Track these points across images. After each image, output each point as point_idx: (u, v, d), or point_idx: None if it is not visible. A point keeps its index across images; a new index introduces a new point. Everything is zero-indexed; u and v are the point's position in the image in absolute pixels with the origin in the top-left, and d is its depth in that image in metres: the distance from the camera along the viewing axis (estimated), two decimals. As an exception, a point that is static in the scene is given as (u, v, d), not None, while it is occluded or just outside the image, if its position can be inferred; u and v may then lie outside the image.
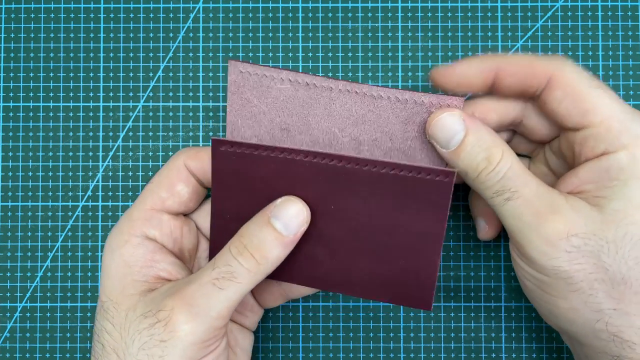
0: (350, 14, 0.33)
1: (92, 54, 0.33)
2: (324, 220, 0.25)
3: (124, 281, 0.25)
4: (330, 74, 0.33)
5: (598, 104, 0.23)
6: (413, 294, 0.26)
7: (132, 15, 0.33)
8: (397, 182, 0.24)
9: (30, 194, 0.33)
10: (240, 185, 0.26)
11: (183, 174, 0.27)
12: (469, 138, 0.24)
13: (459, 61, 0.26)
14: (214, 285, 0.23)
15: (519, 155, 0.26)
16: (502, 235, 0.32)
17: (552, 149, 0.27)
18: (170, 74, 0.33)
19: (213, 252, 0.27)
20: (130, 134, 0.33)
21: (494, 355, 0.32)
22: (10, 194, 0.33)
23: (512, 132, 0.29)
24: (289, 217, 0.24)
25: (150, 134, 0.33)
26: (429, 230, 0.25)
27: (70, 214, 0.33)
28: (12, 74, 0.33)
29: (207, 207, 0.29)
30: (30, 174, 0.33)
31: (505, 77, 0.25)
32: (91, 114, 0.33)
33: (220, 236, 0.27)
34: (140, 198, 0.27)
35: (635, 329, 0.22)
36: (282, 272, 0.26)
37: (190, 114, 0.33)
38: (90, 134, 0.33)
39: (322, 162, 0.25)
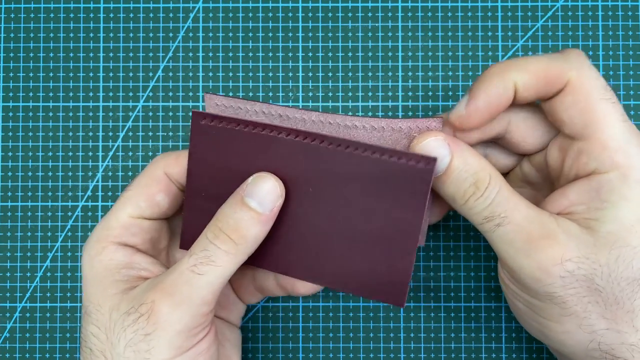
0: (350, 14, 0.33)
1: (92, 54, 0.33)
2: (301, 202, 0.25)
3: (104, 283, 0.25)
4: (330, 74, 0.33)
5: (603, 119, 0.23)
6: (386, 289, 0.25)
7: (132, 15, 0.33)
8: (378, 166, 0.23)
9: (30, 194, 0.33)
10: (218, 162, 0.25)
11: (163, 182, 0.26)
12: (455, 163, 0.23)
13: (471, 91, 0.23)
14: (193, 272, 0.23)
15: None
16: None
17: (533, 162, 0.27)
18: (170, 74, 0.33)
19: (186, 231, 0.26)
20: (130, 134, 0.33)
21: (494, 355, 0.32)
22: (10, 194, 0.33)
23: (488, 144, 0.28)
24: (263, 193, 0.24)
25: (150, 134, 0.33)
26: (406, 219, 0.24)
27: (70, 214, 0.33)
28: (12, 74, 0.33)
29: None
30: (30, 174, 0.33)
31: (523, 92, 0.23)
32: (91, 114, 0.33)
33: (193, 216, 0.26)
34: (118, 205, 0.26)
35: (627, 345, 0.22)
36: (255, 258, 0.25)
37: (190, 114, 0.33)
38: (90, 134, 0.33)
39: (303, 141, 0.24)
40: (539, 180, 0.27)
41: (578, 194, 0.23)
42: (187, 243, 0.26)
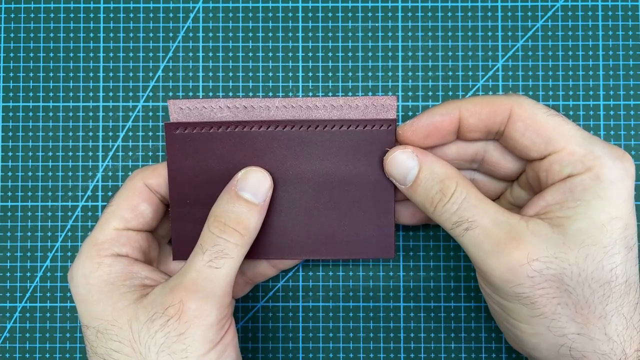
0: (350, 14, 0.33)
1: (92, 54, 0.33)
2: (284, 188, 0.27)
3: (112, 298, 0.24)
4: (330, 74, 0.33)
5: (559, 131, 0.24)
6: (375, 245, 0.27)
7: (132, 15, 0.33)
8: (348, 138, 0.26)
9: (30, 194, 0.33)
10: (198, 167, 0.27)
11: (144, 193, 0.27)
12: (422, 173, 0.25)
13: (422, 113, 0.26)
14: (211, 267, 0.24)
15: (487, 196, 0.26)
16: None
17: (520, 184, 0.27)
18: (170, 74, 0.33)
19: (177, 241, 0.27)
20: (130, 134, 0.33)
21: (494, 355, 0.32)
22: (10, 194, 0.33)
23: (475, 171, 0.29)
24: (255, 185, 0.26)
25: (150, 134, 0.33)
26: (380, 179, 0.27)
27: (70, 214, 0.33)
28: (12, 74, 0.33)
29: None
30: (30, 174, 0.33)
31: (468, 118, 0.25)
32: (91, 114, 0.33)
33: (182, 224, 0.27)
34: (101, 221, 0.26)
35: (599, 354, 0.22)
36: (254, 249, 0.27)
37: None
38: (90, 134, 0.33)
39: (276, 130, 0.26)
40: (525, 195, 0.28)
41: (553, 195, 0.24)
42: (180, 253, 0.27)
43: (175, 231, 0.27)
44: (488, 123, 0.25)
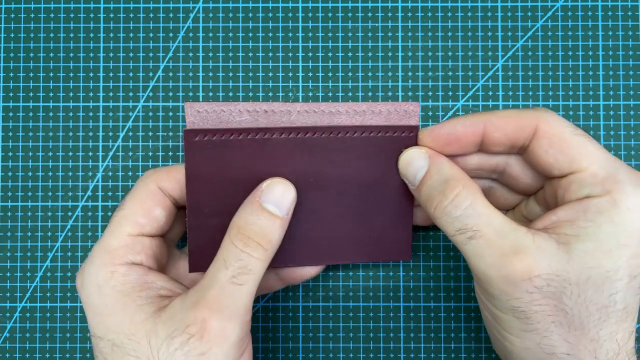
0: (350, 14, 0.33)
1: (92, 54, 0.33)
2: (305, 194, 0.26)
3: (128, 311, 0.23)
4: (330, 74, 0.33)
5: (584, 152, 0.23)
6: (393, 249, 0.28)
7: (132, 15, 0.33)
8: (370, 144, 0.26)
9: (30, 194, 0.33)
10: (217, 176, 0.26)
11: (158, 196, 0.26)
12: (430, 172, 0.25)
13: (446, 120, 0.26)
14: (234, 284, 0.23)
15: (501, 209, 0.25)
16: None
17: (537, 199, 0.27)
18: (170, 74, 0.33)
19: (194, 252, 0.26)
20: (130, 134, 0.33)
21: (494, 355, 0.32)
22: (10, 194, 0.33)
23: (493, 181, 0.29)
24: (279, 197, 0.25)
25: (150, 134, 0.33)
26: (400, 184, 0.27)
27: (70, 214, 0.33)
28: (12, 74, 0.33)
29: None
30: (30, 174, 0.33)
31: (493, 132, 0.25)
32: (91, 114, 0.33)
33: (199, 234, 0.26)
34: (114, 225, 0.25)
35: None
36: (275, 258, 0.26)
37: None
38: (90, 134, 0.33)
39: (297, 136, 0.26)
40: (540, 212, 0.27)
41: (566, 212, 0.23)
42: (197, 265, 0.26)
43: (193, 242, 0.26)
44: (513, 138, 0.25)
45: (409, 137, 0.26)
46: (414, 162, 0.25)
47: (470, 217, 0.23)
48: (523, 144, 0.25)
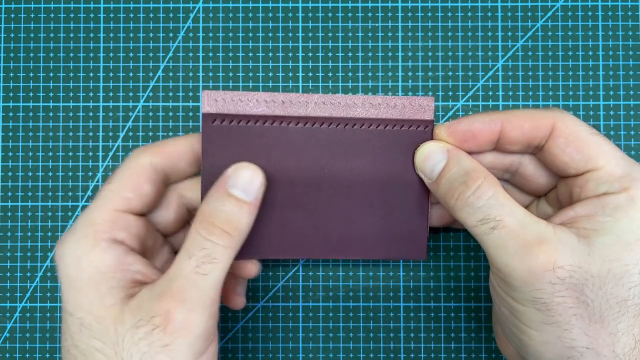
0: (350, 14, 0.33)
1: (92, 54, 0.33)
2: (319, 186, 0.26)
3: (100, 291, 0.23)
4: (330, 74, 0.33)
5: (600, 151, 0.24)
6: (407, 246, 0.27)
7: (132, 15, 0.33)
8: (385, 137, 0.26)
9: (30, 194, 0.33)
10: (233, 162, 0.25)
11: (148, 172, 0.25)
12: (449, 165, 0.25)
13: (463, 117, 0.26)
14: (198, 274, 0.23)
15: None
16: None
17: (548, 200, 0.28)
18: (170, 74, 0.33)
19: None
20: (130, 134, 0.33)
21: (493, 355, 0.32)
22: (10, 194, 0.33)
23: (506, 182, 0.29)
24: (246, 182, 0.24)
25: (150, 134, 0.33)
26: (416, 180, 0.27)
27: (70, 214, 0.33)
28: (12, 74, 0.33)
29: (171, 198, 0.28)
30: (30, 174, 0.33)
31: (510, 131, 0.25)
32: (91, 114, 0.33)
33: None
34: (100, 200, 0.25)
35: None
36: (286, 247, 0.26)
37: (190, 114, 0.33)
38: (90, 134, 0.33)
39: (313, 126, 0.26)
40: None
41: (584, 207, 0.24)
42: None
43: None
44: (530, 137, 0.25)
45: (424, 131, 0.26)
46: (432, 156, 0.25)
47: (493, 208, 0.23)
48: (539, 143, 0.25)
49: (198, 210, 0.24)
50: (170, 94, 0.33)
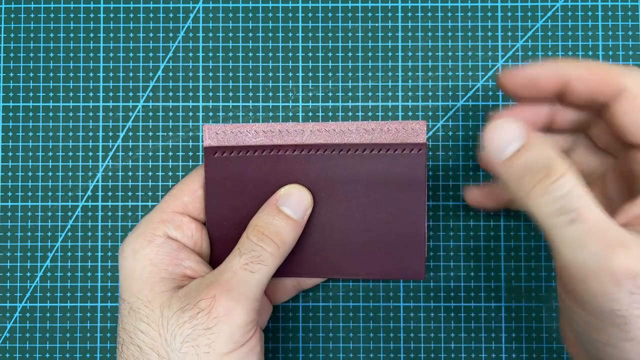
0: (350, 14, 0.33)
1: (92, 54, 0.33)
2: (317, 209, 0.28)
3: (152, 280, 0.25)
4: (330, 74, 0.33)
5: None
6: (406, 266, 0.28)
7: (132, 15, 0.33)
8: (379, 161, 0.27)
9: (30, 194, 0.33)
10: (234, 190, 0.28)
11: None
12: (529, 147, 0.22)
13: (529, 64, 0.24)
14: (246, 270, 0.24)
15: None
16: (503, 236, 0.32)
17: (619, 168, 0.25)
18: (170, 74, 0.33)
19: (217, 262, 0.27)
20: (130, 134, 0.33)
21: (494, 355, 0.32)
22: (10, 194, 0.33)
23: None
24: (295, 202, 0.27)
25: (150, 134, 0.33)
26: (412, 200, 0.28)
27: (70, 214, 0.33)
28: (12, 74, 0.33)
29: None
30: (30, 174, 0.33)
31: (577, 83, 0.23)
32: (91, 114, 0.33)
33: (221, 245, 0.28)
34: (162, 203, 0.27)
35: None
36: (287, 267, 0.28)
37: (190, 114, 0.33)
38: (90, 134, 0.33)
39: (309, 153, 0.27)
40: (618, 199, 0.25)
41: None
42: None
43: (216, 250, 0.28)
44: (597, 92, 0.23)
45: (417, 154, 0.27)
46: (507, 132, 0.23)
47: (574, 199, 0.21)
48: (604, 101, 0.23)
49: (250, 222, 0.26)
50: (170, 94, 0.33)
